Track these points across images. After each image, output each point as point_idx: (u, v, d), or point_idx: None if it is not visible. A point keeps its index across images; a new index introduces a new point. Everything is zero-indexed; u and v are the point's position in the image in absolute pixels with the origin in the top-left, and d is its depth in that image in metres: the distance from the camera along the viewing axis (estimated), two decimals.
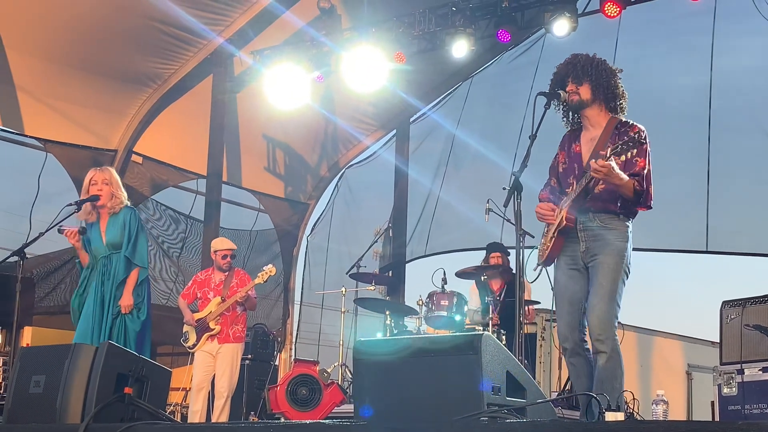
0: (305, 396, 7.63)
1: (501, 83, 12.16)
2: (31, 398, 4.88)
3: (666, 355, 9.45)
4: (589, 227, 5.09)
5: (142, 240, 6.60)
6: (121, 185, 6.76)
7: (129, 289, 6.43)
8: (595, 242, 5.06)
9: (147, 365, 4.99)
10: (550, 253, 5.21)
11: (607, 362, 4.90)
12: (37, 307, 10.68)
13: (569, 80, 5.21)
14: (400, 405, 4.00)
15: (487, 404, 3.77)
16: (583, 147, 5.25)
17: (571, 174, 5.23)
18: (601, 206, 5.08)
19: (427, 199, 13.02)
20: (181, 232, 12.49)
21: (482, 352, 3.84)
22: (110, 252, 6.54)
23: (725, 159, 10.02)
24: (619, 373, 4.94)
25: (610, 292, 4.95)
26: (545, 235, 5.30)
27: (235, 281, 8.03)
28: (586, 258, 5.09)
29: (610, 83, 5.20)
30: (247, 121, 12.38)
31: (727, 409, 6.50)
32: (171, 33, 10.74)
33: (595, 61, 5.24)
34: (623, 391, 5.01)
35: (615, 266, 5.00)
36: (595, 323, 4.93)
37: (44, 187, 10.60)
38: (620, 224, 5.08)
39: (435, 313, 8.21)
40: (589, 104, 5.22)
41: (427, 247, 12.84)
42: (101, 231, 6.60)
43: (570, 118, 5.38)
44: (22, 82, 10.46)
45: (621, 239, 5.05)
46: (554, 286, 5.29)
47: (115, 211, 6.61)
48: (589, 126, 5.28)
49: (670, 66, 10.59)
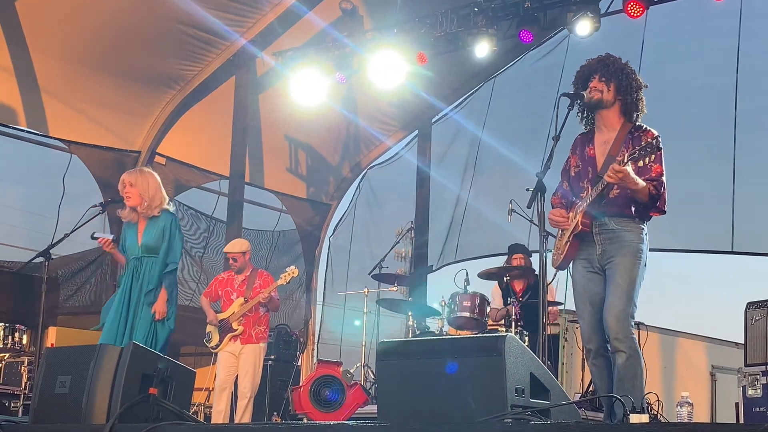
0: (328, 397, 7.63)
1: (526, 86, 12.09)
2: (56, 398, 4.92)
3: (690, 356, 9.38)
4: (604, 230, 5.10)
5: (179, 249, 6.60)
6: (159, 187, 6.66)
7: (164, 296, 6.44)
8: (612, 245, 5.07)
9: (171, 366, 5.02)
10: (565, 257, 5.23)
11: (627, 361, 4.90)
12: (62, 307, 10.76)
13: (596, 76, 5.19)
14: (423, 406, 4.01)
15: (511, 405, 3.77)
16: (597, 150, 5.24)
17: (585, 178, 5.24)
18: (616, 210, 5.08)
19: (456, 205, 12.96)
20: (203, 233, 12.55)
21: (506, 353, 3.85)
22: (143, 254, 6.52)
23: (751, 159, 9.95)
24: (640, 371, 4.94)
25: (628, 292, 4.96)
26: (559, 239, 5.31)
27: (258, 282, 8.04)
28: (603, 260, 5.10)
29: (636, 95, 5.19)
30: (269, 122, 12.41)
31: (752, 411, 6.45)
32: (194, 35, 10.79)
33: (627, 68, 5.23)
34: (647, 393, 5.00)
35: (632, 266, 5.01)
36: (613, 322, 4.93)
37: (69, 189, 10.67)
38: (635, 227, 5.09)
39: (458, 314, 8.20)
40: (608, 106, 5.20)
41: (456, 254, 12.77)
42: (138, 232, 6.59)
43: (585, 116, 5.36)
44: (46, 84, 10.54)
45: (637, 240, 5.06)
46: (574, 289, 5.31)
47: (154, 213, 6.59)
48: (603, 128, 5.27)
49: (696, 67, 10.53)
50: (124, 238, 6.68)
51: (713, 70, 10.39)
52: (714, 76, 10.34)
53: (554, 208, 5.35)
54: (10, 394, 8.96)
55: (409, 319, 8.86)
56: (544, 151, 10.52)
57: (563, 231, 5.27)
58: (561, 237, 5.29)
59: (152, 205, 6.56)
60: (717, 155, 10.11)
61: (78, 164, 11.08)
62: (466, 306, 8.20)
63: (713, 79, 10.33)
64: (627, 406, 3.81)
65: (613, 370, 4.98)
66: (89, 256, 11.07)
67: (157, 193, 6.61)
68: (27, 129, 10.67)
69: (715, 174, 10.13)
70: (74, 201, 10.35)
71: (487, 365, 3.89)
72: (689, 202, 9.32)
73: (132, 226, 6.61)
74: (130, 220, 6.61)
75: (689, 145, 10.03)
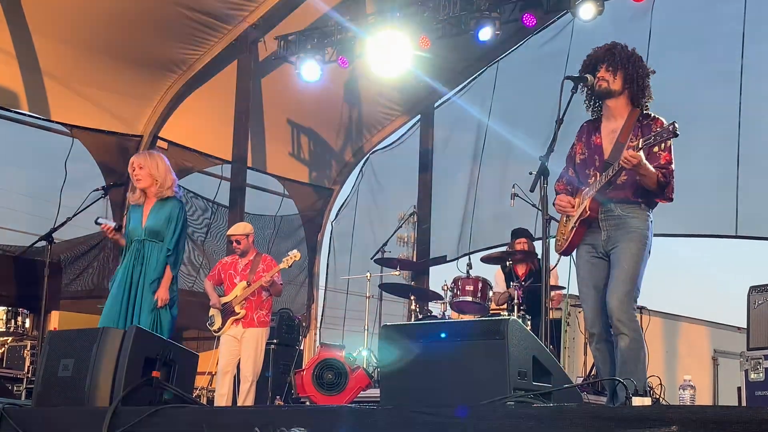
0: (331, 380, 7.64)
1: (531, 72, 12.01)
2: (59, 381, 4.93)
3: (692, 340, 9.40)
4: (610, 216, 5.10)
5: (184, 238, 6.59)
6: (169, 169, 6.61)
7: (166, 283, 6.43)
8: (617, 231, 5.07)
9: (174, 349, 5.03)
10: (570, 243, 5.24)
11: (629, 344, 4.90)
12: (65, 291, 10.77)
13: (603, 66, 5.17)
14: (426, 389, 4.01)
15: (513, 389, 3.77)
16: (604, 139, 5.23)
17: (591, 165, 5.23)
18: (622, 196, 5.08)
19: (468, 195, 12.90)
20: (206, 218, 12.55)
21: (509, 336, 3.84)
22: (145, 237, 6.49)
23: (756, 144, 9.94)
24: (642, 354, 4.95)
25: (632, 276, 4.96)
26: (563, 225, 5.30)
27: (261, 266, 8.05)
28: (608, 246, 5.10)
29: (644, 82, 5.17)
30: (271, 106, 12.39)
31: (754, 395, 6.45)
32: (196, 18, 10.76)
33: (634, 56, 5.20)
34: (650, 376, 5.00)
35: (637, 251, 5.01)
36: (616, 305, 4.93)
37: (70, 173, 10.67)
38: (641, 213, 5.09)
39: (460, 298, 8.20)
40: (615, 95, 5.19)
41: (470, 245, 12.70)
42: (143, 214, 6.56)
43: (592, 104, 5.35)
44: (48, 68, 10.53)
45: (642, 227, 5.06)
46: (577, 273, 5.30)
47: (167, 194, 6.56)
48: (611, 116, 5.25)
49: (701, 53, 10.51)
50: (128, 221, 6.66)
51: (718, 56, 10.37)
52: (719, 61, 10.33)
53: (558, 194, 5.35)
54: (13, 378, 8.98)
55: (412, 304, 8.86)
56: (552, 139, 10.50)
57: (568, 217, 5.26)
58: (566, 223, 5.28)
59: (164, 185, 6.53)
60: (721, 140, 10.09)
61: (80, 148, 11.08)
62: (468, 290, 8.20)
63: (718, 65, 10.31)
64: (629, 389, 3.81)
65: (616, 353, 4.98)
66: (92, 241, 11.08)
67: (168, 175, 6.58)
68: (29, 113, 10.66)
69: (720, 159, 10.12)
70: (76, 185, 10.35)
71: (489, 348, 3.89)
72: (693, 187, 9.29)
73: (137, 209, 6.59)
74: (137, 202, 6.59)
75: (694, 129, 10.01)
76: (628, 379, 4.01)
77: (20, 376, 8.99)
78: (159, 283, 6.39)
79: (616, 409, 3.55)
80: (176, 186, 6.68)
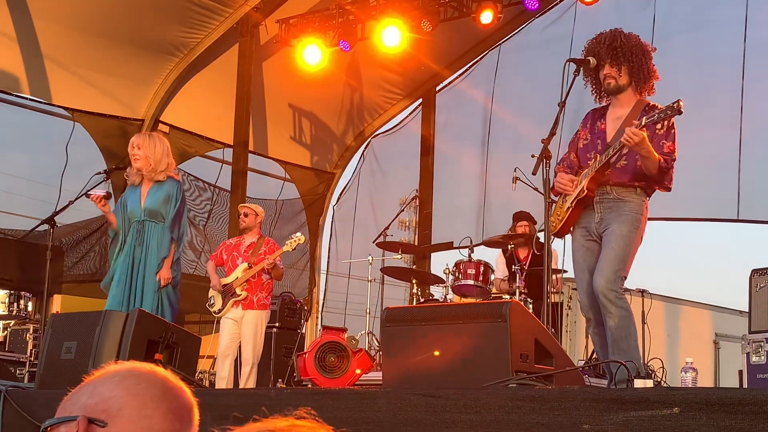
0: (333, 363, 7.66)
1: (534, 58, 11.95)
2: (62, 364, 4.94)
3: (694, 324, 9.42)
4: (606, 199, 5.10)
5: (184, 217, 6.62)
6: (166, 152, 6.63)
7: (168, 263, 6.44)
8: (611, 213, 5.06)
9: (177, 332, 5.04)
10: (565, 223, 5.22)
11: (618, 321, 4.88)
12: (66, 275, 10.78)
13: (606, 63, 5.15)
14: (428, 371, 4.02)
15: (515, 371, 3.78)
16: (608, 125, 5.23)
17: (593, 150, 5.22)
18: (620, 180, 5.08)
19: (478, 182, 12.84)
20: (207, 202, 12.53)
21: (510, 319, 3.85)
22: (145, 217, 6.51)
23: (757, 128, 9.93)
24: (633, 330, 4.93)
25: (621, 256, 4.94)
26: (560, 206, 5.29)
27: (264, 249, 8.05)
28: (600, 228, 5.10)
29: (647, 67, 5.15)
30: (273, 90, 12.36)
31: (756, 378, 6.46)
32: (197, 2, 10.73)
33: (635, 44, 5.16)
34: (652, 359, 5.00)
35: (628, 233, 4.99)
36: (602, 284, 4.90)
37: (72, 157, 10.65)
38: (637, 198, 5.08)
39: (462, 281, 8.21)
40: (625, 89, 5.19)
41: (483, 234, 12.65)
42: (141, 195, 6.58)
43: (599, 92, 5.34)
44: (49, 51, 10.49)
45: (636, 211, 5.05)
46: (573, 258, 5.30)
47: (158, 177, 6.58)
48: (617, 104, 5.27)
49: (703, 37, 10.48)
50: (125, 202, 6.66)
51: (721, 40, 10.34)
52: (721, 45, 10.30)
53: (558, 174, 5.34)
54: (16, 361, 9.01)
55: (414, 287, 8.88)
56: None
57: (565, 198, 5.25)
58: (562, 204, 5.28)
59: (157, 169, 6.55)
60: (723, 123, 10.08)
61: (81, 132, 11.05)
62: (470, 274, 8.21)
63: (721, 49, 10.29)
64: (632, 372, 3.82)
65: (606, 332, 4.97)
66: (93, 225, 11.06)
67: (163, 158, 6.59)
68: (30, 96, 10.63)
69: (722, 142, 10.11)
70: (78, 169, 10.33)
71: (491, 331, 3.90)
72: (695, 170, 9.29)
73: (135, 189, 6.61)
74: (133, 182, 6.61)
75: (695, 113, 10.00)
76: (630, 361, 4.02)
77: (23, 360, 9.01)
78: (161, 264, 6.41)
79: (618, 391, 3.57)
80: (175, 170, 6.69)
